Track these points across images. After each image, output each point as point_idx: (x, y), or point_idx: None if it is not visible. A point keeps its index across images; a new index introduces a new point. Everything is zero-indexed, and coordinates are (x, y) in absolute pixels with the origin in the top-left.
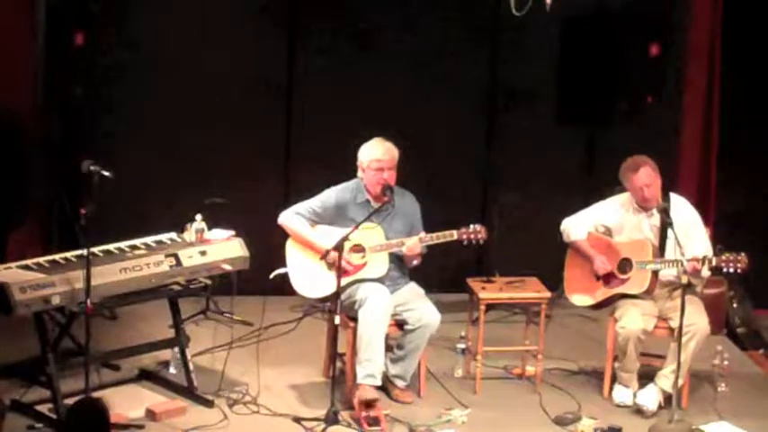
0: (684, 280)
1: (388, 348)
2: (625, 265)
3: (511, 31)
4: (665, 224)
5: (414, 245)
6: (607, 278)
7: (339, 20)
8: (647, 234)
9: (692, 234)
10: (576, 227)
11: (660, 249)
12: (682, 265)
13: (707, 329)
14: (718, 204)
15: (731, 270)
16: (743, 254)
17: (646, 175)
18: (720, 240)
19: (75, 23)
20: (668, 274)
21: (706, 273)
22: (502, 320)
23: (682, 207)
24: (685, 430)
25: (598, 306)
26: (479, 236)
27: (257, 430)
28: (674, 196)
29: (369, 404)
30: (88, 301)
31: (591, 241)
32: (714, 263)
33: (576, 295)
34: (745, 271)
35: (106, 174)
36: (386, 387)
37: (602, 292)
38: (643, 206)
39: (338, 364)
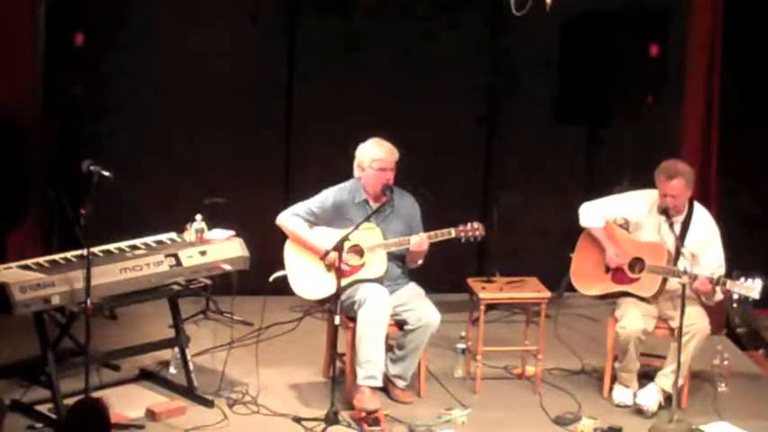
0: (685, 280)
1: (388, 348)
2: (636, 264)
3: (511, 31)
4: (684, 231)
5: (421, 242)
6: (616, 273)
7: (339, 20)
8: (664, 237)
9: (706, 246)
10: (596, 213)
11: (675, 257)
12: (694, 279)
13: (707, 330)
14: (718, 204)
15: (742, 296)
16: (758, 279)
17: (674, 187)
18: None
19: (75, 23)
20: (677, 282)
21: (719, 296)
22: (502, 320)
23: (702, 218)
24: (685, 430)
25: (599, 297)
26: (477, 233)
27: (257, 430)
28: (697, 206)
29: (369, 413)
30: (88, 301)
31: (607, 231)
32: (728, 286)
33: (581, 282)
34: (756, 300)
35: (106, 174)
36: (386, 387)
37: (608, 286)
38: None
39: (338, 364)
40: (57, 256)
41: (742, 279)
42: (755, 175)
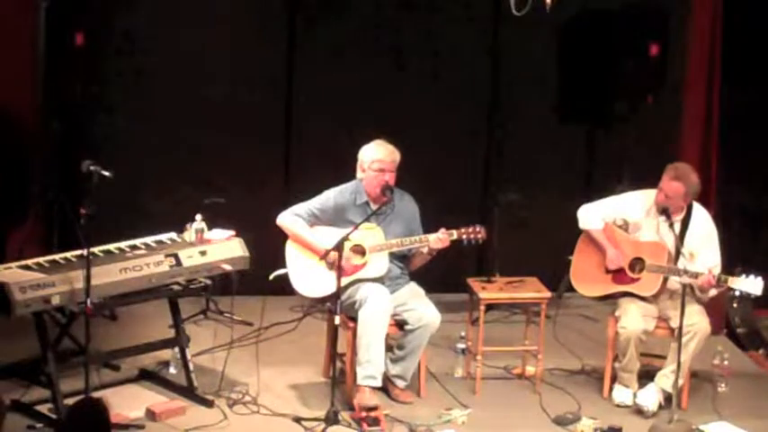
0: (686, 280)
1: (389, 348)
2: (636, 264)
3: (511, 31)
4: (683, 230)
5: (442, 238)
6: (617, 274)
7: (339, 20)
8: (663, 237)
9: (705, 246)
10: (595, 215)
11: (675, 256)
12: (695, 277)
13: (707, 330)
14: (717, 204)
15: (744, 293)
16: (759, 277)
17: (672, 188)
18: (719, 240)
19: (75, 23)
20: (677, 282)
21: (713, 292)
22: (502, 320)
23: (701, 218)
24: (685, 430)
25: (600, 298)
26: (479, 235)
27: (257, 430)
28: (696, 206)
29: (369, 409)
30: (88, 301)
31: (607, 233)
32: (729, 283)
33: (581, 284)
34: (756, 297)
35: (106, 174)
36: (386, 387)
37: (608, 287)
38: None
39: (338, 364)
40: (57, 256)
41: (743, 276)
42: (755, 175)
